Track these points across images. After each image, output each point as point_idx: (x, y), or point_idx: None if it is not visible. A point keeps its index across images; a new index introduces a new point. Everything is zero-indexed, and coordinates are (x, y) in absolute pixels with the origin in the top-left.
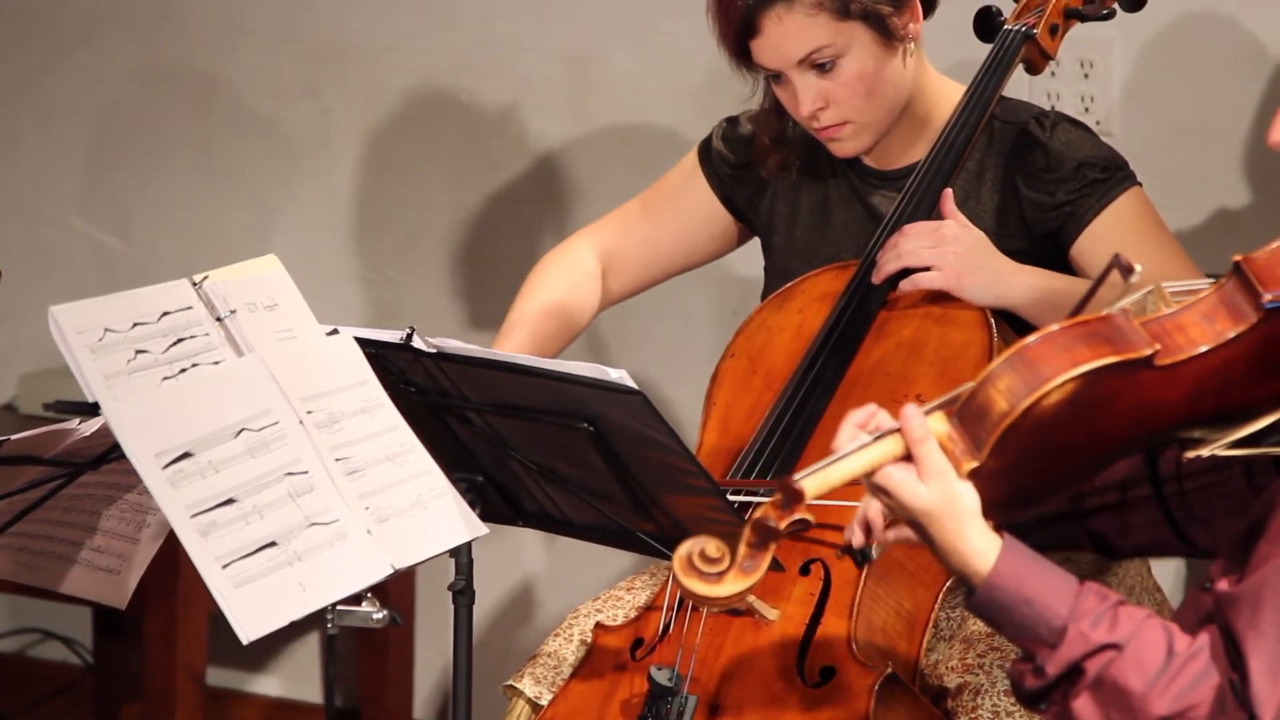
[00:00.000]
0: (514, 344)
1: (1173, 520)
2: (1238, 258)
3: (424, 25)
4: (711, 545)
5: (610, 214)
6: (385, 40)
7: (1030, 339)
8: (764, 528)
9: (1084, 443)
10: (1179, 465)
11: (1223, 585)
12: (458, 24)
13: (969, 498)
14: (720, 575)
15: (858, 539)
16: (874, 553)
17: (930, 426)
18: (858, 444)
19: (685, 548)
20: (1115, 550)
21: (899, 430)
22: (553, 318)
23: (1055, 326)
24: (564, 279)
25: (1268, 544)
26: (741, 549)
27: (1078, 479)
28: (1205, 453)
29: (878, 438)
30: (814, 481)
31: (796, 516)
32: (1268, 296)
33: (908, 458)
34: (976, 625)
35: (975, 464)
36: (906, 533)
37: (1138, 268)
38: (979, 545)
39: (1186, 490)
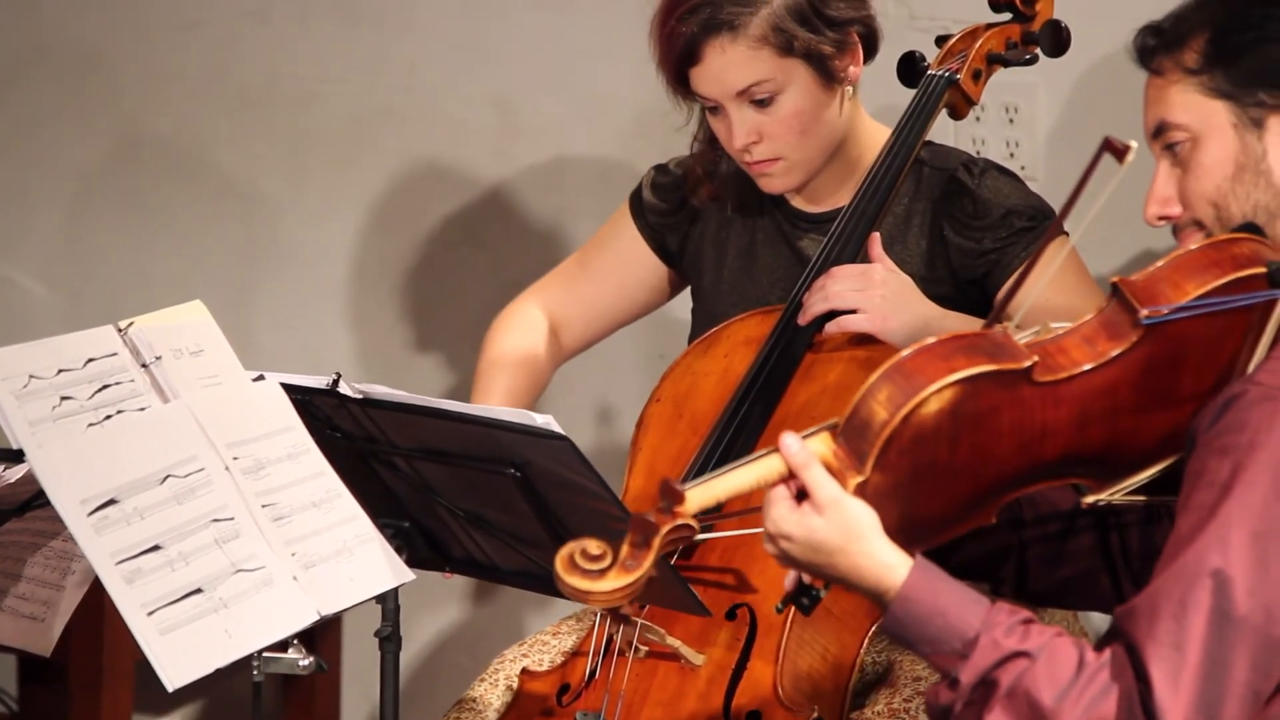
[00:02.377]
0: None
1: (1113, 567)
2: (1116, 280)
3: (350, 70)
4: (593, 544)
5: (552, 272)
6: (311, 85)
7: (906, 351)
8: (645, 525)
9: (971, 465)
10: (1117, 512)
11: (1120, 607)
12: (384, 69)
13: (867, 515)
14: (602, 572)
15: (795, 580)
16: (822, 593)
17: (812, 449)
18: (744, 460)
19: (567, 548)
20: (1031, 581)
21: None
22: (524, 376)
23: (932, 340)
24: (525, 338)
25: (1162, 561)
26: (624, 547)
27: (971, 513)
28: (1104, 497)
29: (763, 454)
30: (698, 491)
31: (680, 522)
32: (1145, 312)
33: (792, 475)
34: (902, 670)
35: (860, 478)
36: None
37: (1133, 144)
38: (889, 559)
39: (1125, 524)
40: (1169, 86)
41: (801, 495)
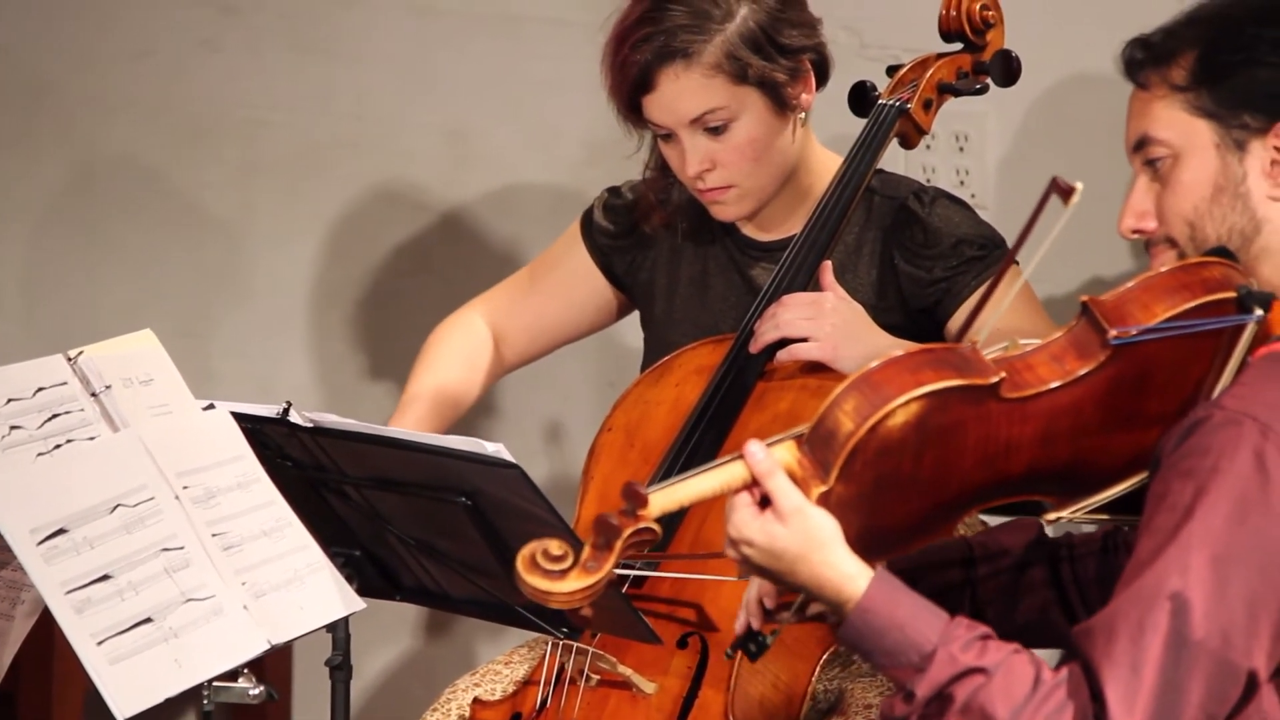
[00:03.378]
0: (413, 417)
1: (1066, 602)
2: (1085, 299)
3: (300, 99)
4: (555, 544)
5: (501, 283)
6: (262, 114)
7: (874, 363)
8: (607, 526)
9: (935, 478)
10: (1071, 546)
11: (1078, 627)
12: (335, 98)
13: (829, 525)
14: (564, 573)
15: (756, 620)
16: (770, 640)
17: (777, 457)
18: (707, 466)
19: (528, 548)
20: (988, 620)
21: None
22: (450, 390)
23: (900, 353)
24: (460, 350)
25: (1121, 582)
26: (586, 549)
27: (933, 525)
28: (1065, 515)
29: (726, 461)
30: (661, 495)
31: (643, 525)
32: (1114, 333)
33: (755, 482)
34: (854, 698)
35: (824, 488)
36: (814, 606)
37: (1079, 185)
38: (849, 570)
39: (1078, 557)
40: (1154, 101)
41: (764, 502)
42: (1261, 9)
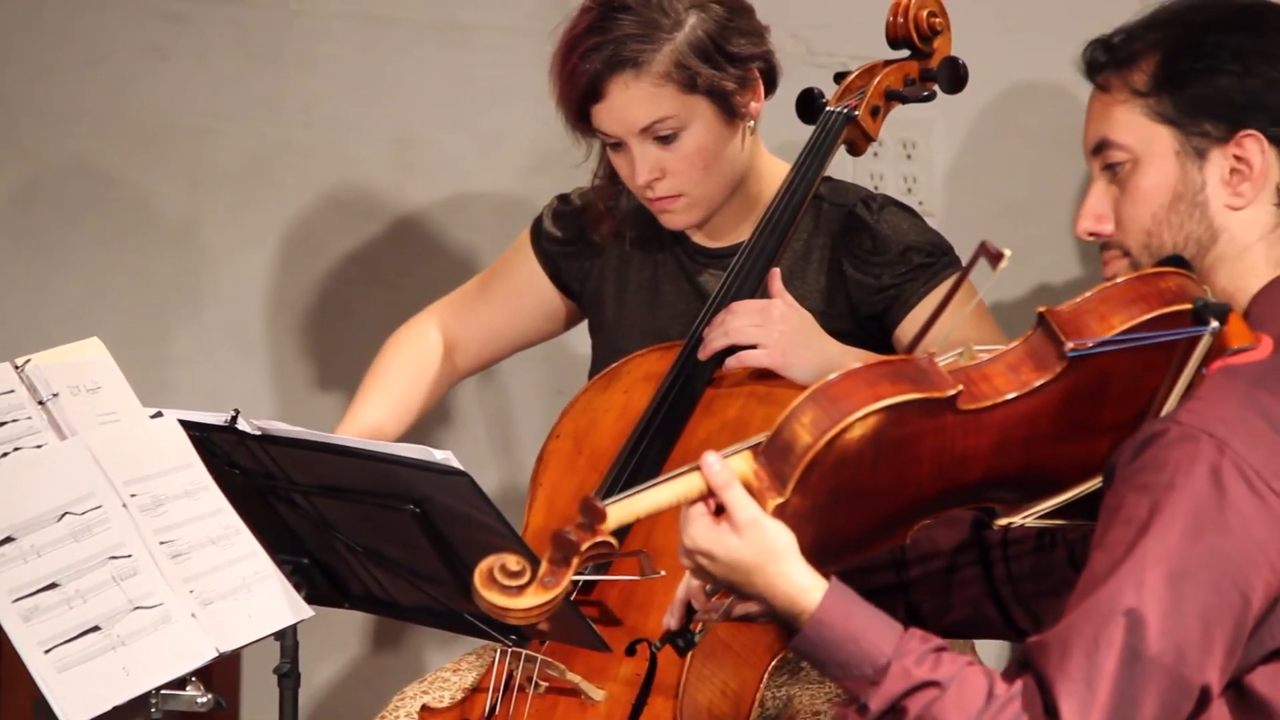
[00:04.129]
0: (362, 426)
1: (998, 597)
2: (1042, 309)
3: (247, 107)
4: (512, 560)
5: (455, 291)
6: (210, 122)
7: (833, 376)
8: (565, 542)
9: (890, 489)
10: (1005, 535)
11: (1031, 639)
12: (282, 106)
13: (784, 537)
14: (521, 589)
15: (675, 621)
16: (697, 638)
17: (734, 468)
18: (664, 477)
19: (486, 562)
20: (923, 619)
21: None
22: (401, 399)
23: (859, 365)
24: (411, 359)
25: (1076, 595)
26: (543, 565)
27: (885, 534)
28: (1017, 520)
29: (683, 472)
30: (618, 507)
31: (600, 539)
32: (1070, 345)
33: (711, 493)
34: (801, 705)
35: (780, 500)
36: (740, 606)
37: (1007, 252)
38: (803, 582)
39: (1011, 557)
40: (1115, 105)
41: (719, 510)
42: (1223, 16)
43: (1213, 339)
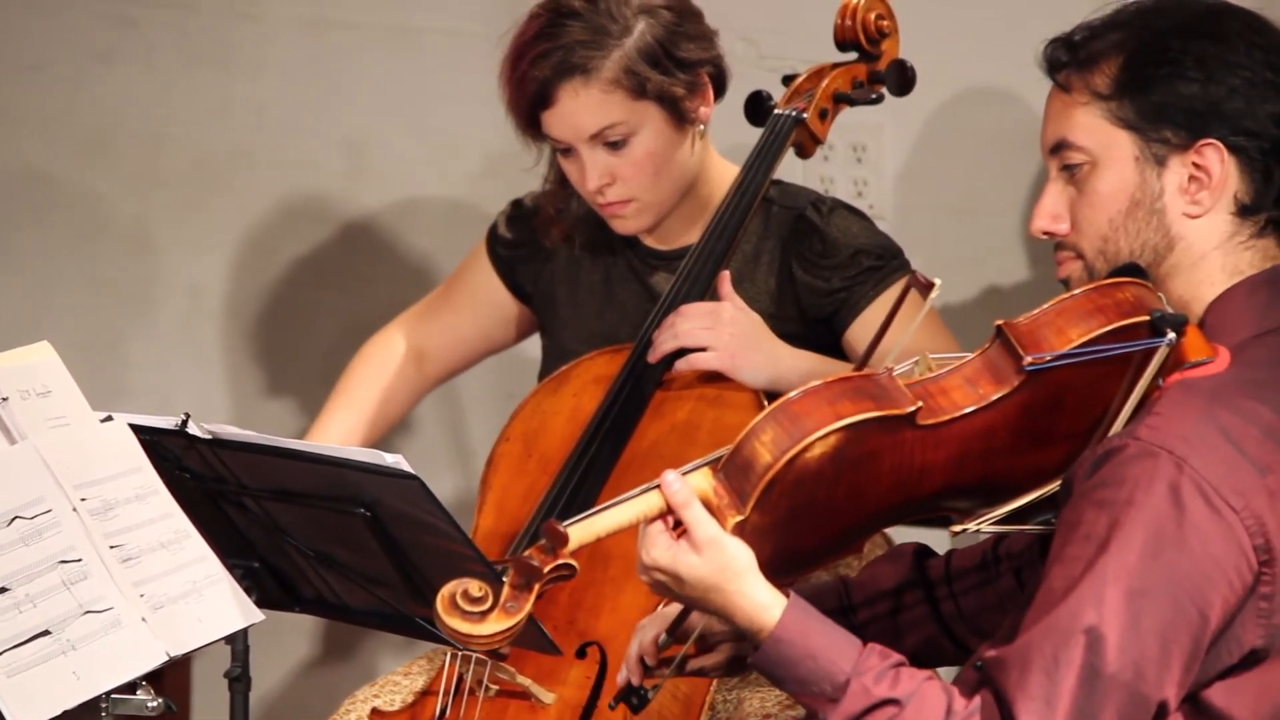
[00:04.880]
0: (329, 439)
1: (945, 624)
2: (1000, 322)
3: (197, 111)
4: (474, 585)
5: (420, 301)
6: (158, 127)
7: (793, 393)
8: (527, 567)
9: (848, 503)
10: (948, 570)
11: (991, 652)
12: (232, 110)
13: (743, 555)
14: (483, 615)
15: (635, 677)
16: (651, 694)
17: (694, 485)
18: (624, 496)
19: (448, 588)
20: None
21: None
22: (367, 411)
23: (819, 382)
24: (378, 371)
25: (1034, 611)
26: (505, 590)
27: (843, 545)
28: (971, 527)
29: (642, 491)
30: (579, 529)
31: (561, 561)
32: (1028, 359)
33: (671, 512)
34: (752, 706)
35: (740, 518)
36: (692, 663)
37: (937, 282)
38: (763, 599)
39: (957, 593)
40: (1075, 106)
41: (679, 529)
42: (1186, 21)
43: (1169, 350)
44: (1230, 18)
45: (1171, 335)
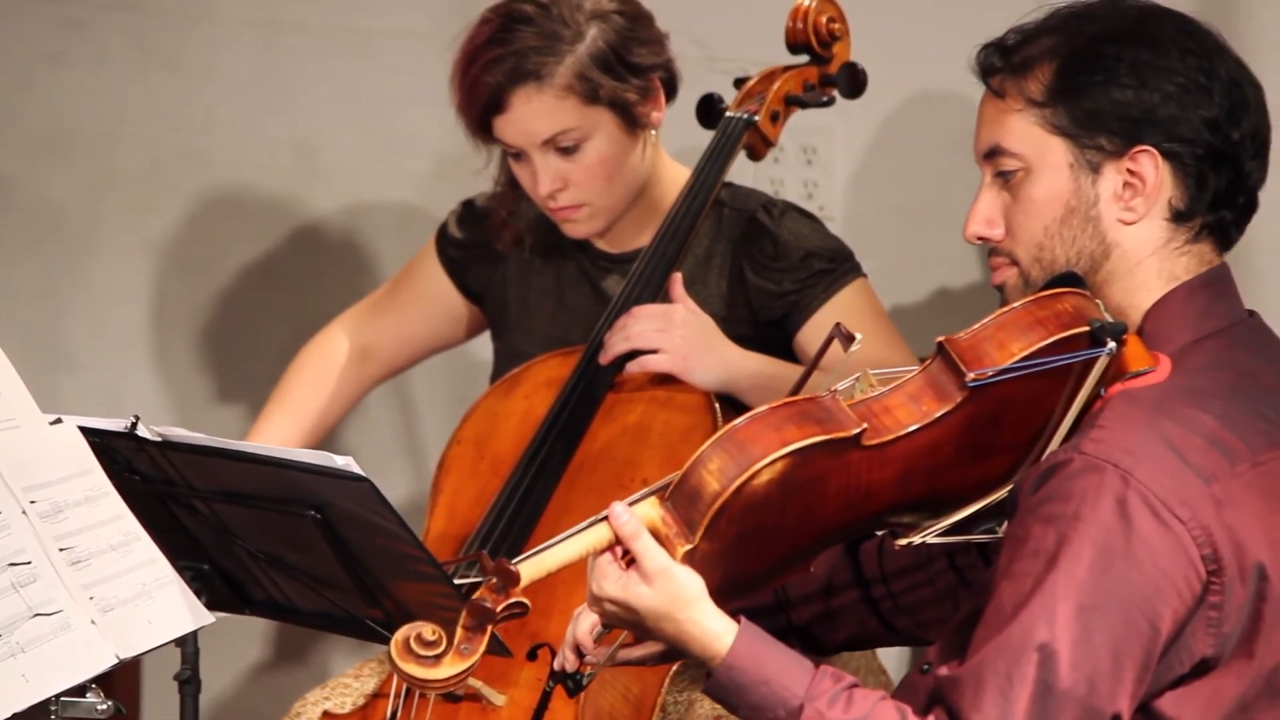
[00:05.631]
0: (269, 440)
1: (883, 617)
2: (941, 339)
3: (147, 114)
4: (428, 629)
5: (366, 299)
6: (108, 128)
7: (739, 420)
8: (480, 610)
9: (796, 526)
10: (882, 565)
11: (944, 670)
12: (182, 111)
13: (694, 584)
14: (437, 658)
15: (570, 663)
16: (585, 680)
17: (642, 515)
18: (573, 530)
19: (402, 632)
20: (824, 645)
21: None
22: (308, 412)
23: (764, 408)
24: (320, 371)
25: (985, 628)
26: (458, 632)
27: (791, 566)
28: (917, 540)
29: (591, 523)
30: (530, 566)
31: (513, 600)
32: (971, 375)
33: (620, 543)
34: (703, 709)
35: (689, 546)
36: (623, 653)
37: (858, 336)
38: (715, 627)
39: (895, 592)
40: (1009, 112)
41: (628, 559)
42: (1119, 27)
43: (1110, 360)
44: (1162, 22)
45: (1112, 345)
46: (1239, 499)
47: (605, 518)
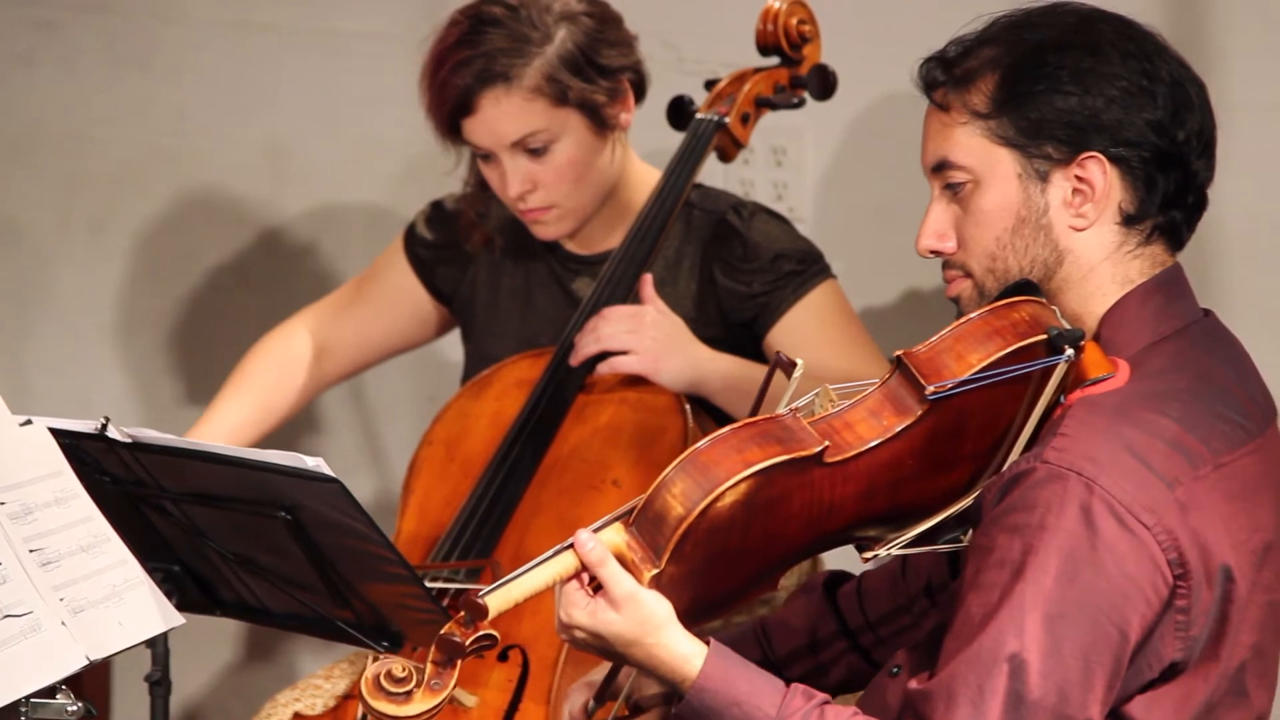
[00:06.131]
0: (221, 426)
1: (871, 660)
2: (899, 352)
3: (119, 114)
4: (398, 665)
5: (328, 296)
6: (79, 129)
7: (701, 443)
8: (449, 644)
9: (762, 545)
10: (865, 613)
11: (914, 684)
12: (153, 112)
13: (662, 608)
14: (408, 695)
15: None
16: None
17: (607, 541)
18: (539, 559)
19: (372, 670)
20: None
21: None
22: (262, 401)
23: (725, 429)
24: (276, 363)
25: (954, 640)
26: (428, 667)
27: (758, 584)
28: (882, 552)
29: (557, 552)
30: (496, 598)
31: (482, 633)
32: (930, 388)
33: (591, 577)
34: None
35: (655, 571)
36: None
37: (799, 363)
38: (685, 650)
39: (883, 637)
40: (954, 126)
41: (595, 586)
42: (1059, 35)
43: (1068, 367)
44: (1102, 26)
45: (1070, 352)
46: (1202, 502)
47: (571, 545)
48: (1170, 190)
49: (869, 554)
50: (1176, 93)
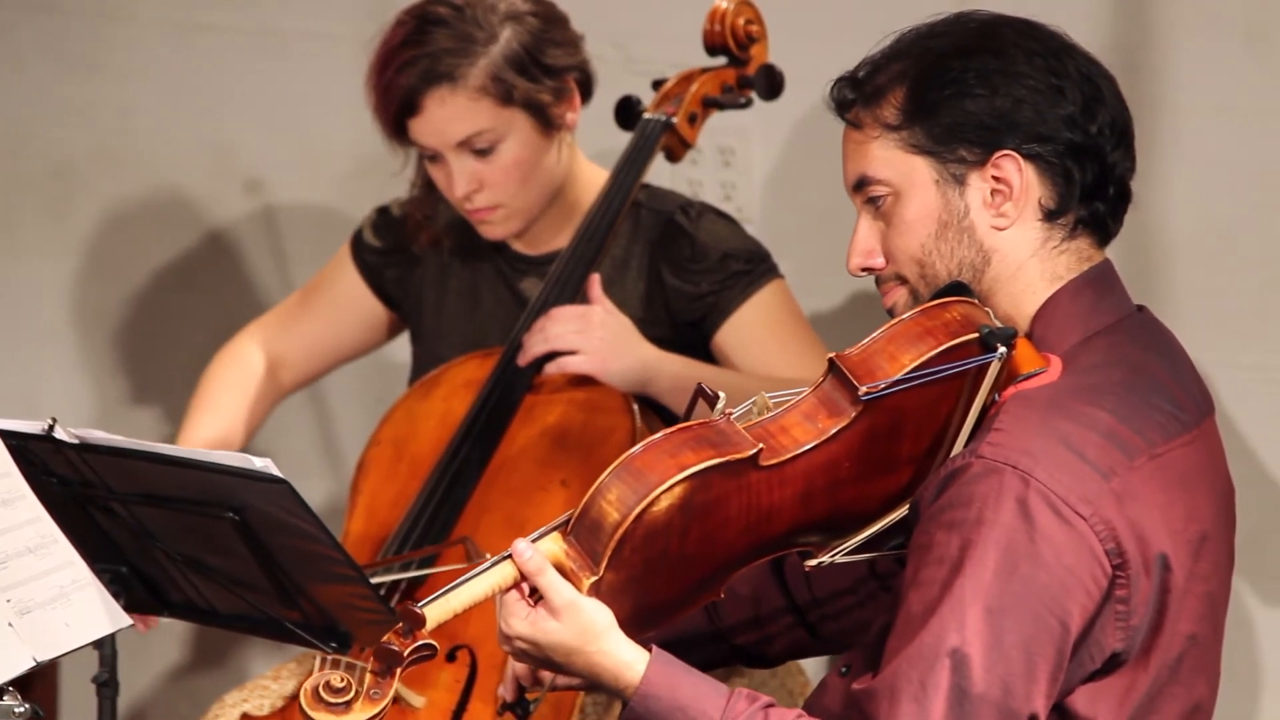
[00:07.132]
0: (202, 442)
1: (818, 635)
2: (831, 355)
3: (61, 114)
4: (336, 676)
5: (275, 308)
6: (24, 129)
7: (635, 449)
8: (388, 654)
9: (702, 551)
10: (812, 590)
11: (858, 684)
12: (97, 112)
13: (602, 615)
14: (348, 705)
15: (512, 692)
16: (533, 707)
17: (545, 551)
18: (477, 570)
19: (311, 682)
20: (765, 659)
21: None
22: (233, 418)
23: (659, 435)
24: (237, 379)
25: (896, 638)
26: (367, 677)
27: (702, 593)
28: (826, 559)
29: (495, 562)
30: (435, 608)
31: (421, 643)
32: (863, 389)
33: (531, 587)
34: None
35: (594, 578)
36: (563, 679)
37: (721, 395)
38: (626, 657)
39: (830, 614)
40: (869, 142)
41: (535, 595)
42: (964, 41)
43: (1001, 365)
44: (1005, 29)
45: (1002, 350)
46: (1138, 492)
47: (509, 555)
48: (1089, 182)
49: (813, 561)
50: (1086, 87)
